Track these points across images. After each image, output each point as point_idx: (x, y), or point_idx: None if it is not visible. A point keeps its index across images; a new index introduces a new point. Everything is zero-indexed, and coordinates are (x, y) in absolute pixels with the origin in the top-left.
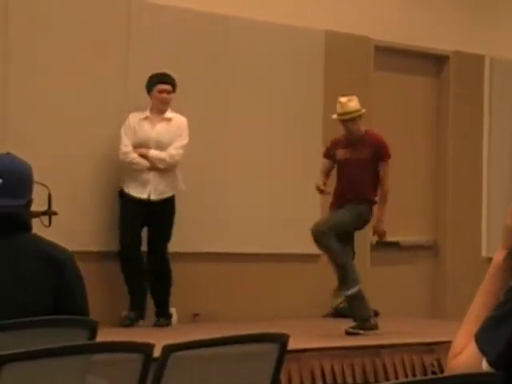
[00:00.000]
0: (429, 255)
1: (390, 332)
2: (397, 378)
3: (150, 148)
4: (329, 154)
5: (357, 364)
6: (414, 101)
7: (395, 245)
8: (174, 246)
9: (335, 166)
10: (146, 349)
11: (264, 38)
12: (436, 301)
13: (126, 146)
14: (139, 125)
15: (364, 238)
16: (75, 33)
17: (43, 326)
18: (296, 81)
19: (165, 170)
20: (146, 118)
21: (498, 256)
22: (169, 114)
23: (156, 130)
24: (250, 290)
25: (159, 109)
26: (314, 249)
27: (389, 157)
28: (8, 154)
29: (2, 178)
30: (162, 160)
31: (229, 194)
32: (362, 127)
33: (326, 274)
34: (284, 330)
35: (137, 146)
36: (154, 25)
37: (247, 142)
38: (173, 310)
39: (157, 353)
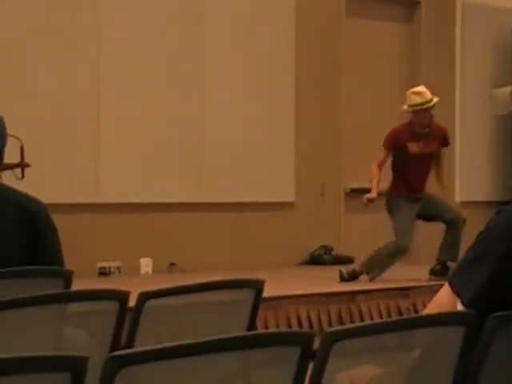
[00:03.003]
0: None
1: (364, 278)
2: None
3: None
4: (394, 146)
5: (333, 310)
6: (386, 47)
7: (369, 191)
8: (150, 197)
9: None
10: (121, 297)
11: None
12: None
13: None
14: None
15: (338, 186)
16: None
17: (17, 277)
18: (267, 30)
19: None
20: None
21: None
22: None
23: None
24: (226, 239)
25: None
26: (288, 197)
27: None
28: None
29: None
30: None
31: (204, 146)
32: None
33: (300, 222)
34: (260, 277)
35: None
36: None
37: (222, 94)
38: (148, 260)
39: (132, 301)
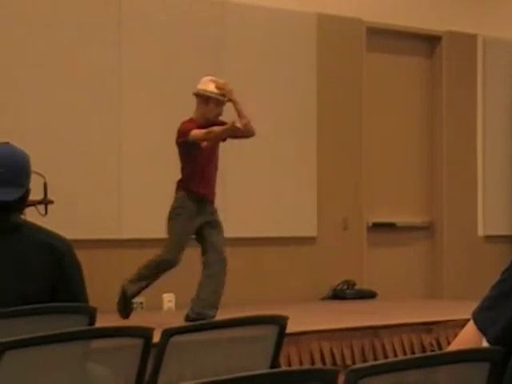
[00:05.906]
0: (425, 236)
1: (388, 312)
2: (396, 357)
3: None
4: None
5: (356, 345)
6: (407, 82)
7: (392, 226)
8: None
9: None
10: (145, 333)
11: (257, 21)
12: (433, 281)
13: None
14: None
15: (360, 220)
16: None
17: (42, 314)
18: (289, 64)
19: None
20: None
21: None
22: None
23: None
24: (248, 273)
25: None
26: (310, 231)
27: None
28: (7, 143)
29: (1, 167)
30: None
31: (228, 181)
32: None
33: (322, 257)
34: (283, 313)
35: None
36: (147, 10)
37: None
38: (171, 296)
39: (156, 337)
